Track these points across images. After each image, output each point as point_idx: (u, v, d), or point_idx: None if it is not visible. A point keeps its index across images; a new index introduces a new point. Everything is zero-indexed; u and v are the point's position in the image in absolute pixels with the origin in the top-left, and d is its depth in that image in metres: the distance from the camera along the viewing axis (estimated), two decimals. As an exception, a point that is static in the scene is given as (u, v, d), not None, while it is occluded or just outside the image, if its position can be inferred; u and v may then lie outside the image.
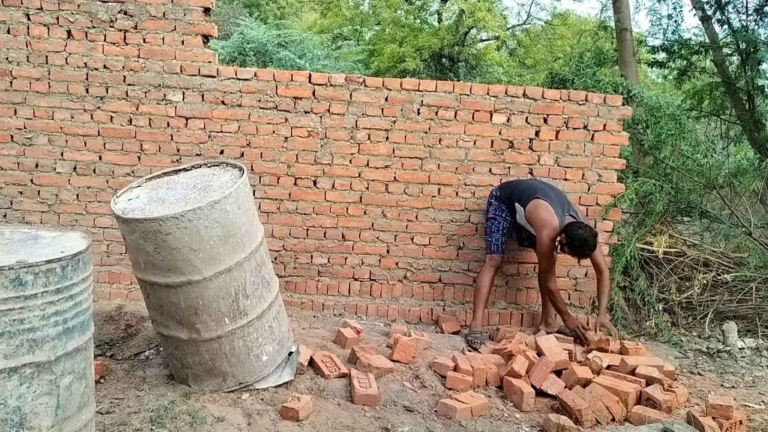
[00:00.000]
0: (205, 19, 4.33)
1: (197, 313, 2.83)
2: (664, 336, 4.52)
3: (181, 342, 2.91)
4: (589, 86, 5.16)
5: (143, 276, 2.86)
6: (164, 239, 2.69)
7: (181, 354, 2.95)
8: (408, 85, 4.43)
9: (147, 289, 2.92)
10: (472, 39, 17.57)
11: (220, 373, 2.96)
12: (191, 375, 2.99)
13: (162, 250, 2.72)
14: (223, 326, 2.88)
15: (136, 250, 2.80)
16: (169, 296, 2.82)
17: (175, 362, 3.03)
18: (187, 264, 2.74)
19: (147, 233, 2.70)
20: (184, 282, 2.77)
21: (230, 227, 2.80)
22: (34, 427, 1.87)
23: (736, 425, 3.09)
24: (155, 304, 2.92)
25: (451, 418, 3.01)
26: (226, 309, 2.87)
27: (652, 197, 4.72)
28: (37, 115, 4.32)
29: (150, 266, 2.80)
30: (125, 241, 2.88)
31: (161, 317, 2.94)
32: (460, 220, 4.53)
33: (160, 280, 2.80)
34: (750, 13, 7.89)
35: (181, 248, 2.71)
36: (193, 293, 2.80)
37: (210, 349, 2.90)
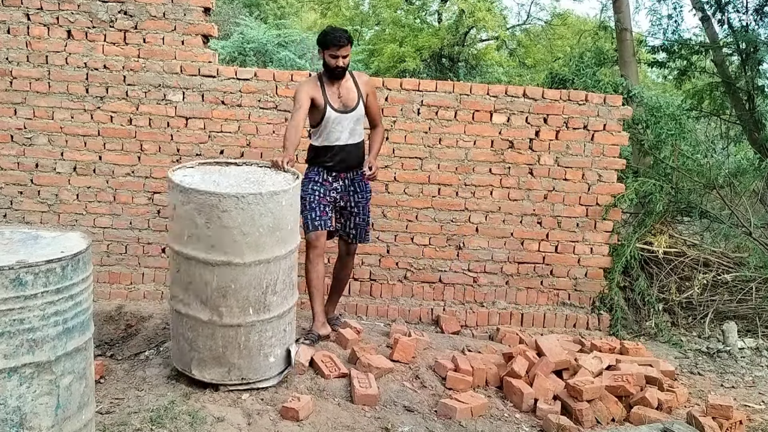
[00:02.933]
0: (205, 19, 4.33)
1: (225, 296, 2.87)
2: (664, 336, 4.52)
3: (198, 323, 2.92)
4: (589, 86, 5.15)
5: (182, 249, 2.90)
6: (219, 215, 2.79)
7: (194, 336, 2.95)
8: (408, 85, 4.43)
9: (180, 263, 2.94)
10: (472, 39, 17.57)
11: (227, 363, 2.95)
12: (197, 360, 2.96)
13: (213, 226, 2.80)
14: (246, 316, 2.92)
15: (185, 221, 2.86)
16: (204, 274, 2.86)
17: (183, 344, 3.00)
18: (234, 245, 2.82)
19: (203, 206, 2.79)
20: (224, 262, 2.83)
21: (280, 221, 2.92)
22: (34, 427, 1.87)
23: (736, 425, 3.09)
24: (183, 279, 2.94)
25: (451, 418, 3.01)
26: (253, 299, 2.92)
27: (652, 197, 4.72)
28: (37, 115, 4.32)
29: (194, 240, 2.85)
30: (174, 211, 2.93)
31: (184, 294, 2.95)
32: (460, 220, 4.53)
33: (199, 255, 2.85)
34: (750, 13, 7.88)
35: (232, 228, 2.80)
36: (229, 275, 2.86)
37: (226, 335, 2.92)
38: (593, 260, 4.60)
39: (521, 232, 4.56)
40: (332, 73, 3.53)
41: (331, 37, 3.47)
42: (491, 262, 4.56)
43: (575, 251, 4.59)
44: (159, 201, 4.41)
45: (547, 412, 3.09)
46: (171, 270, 3.06)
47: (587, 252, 4.59)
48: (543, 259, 4.59)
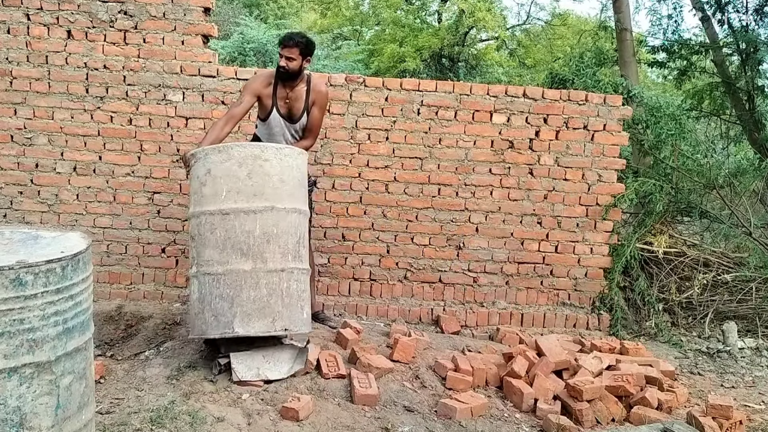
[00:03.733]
0: (205, 19, 4.33)
1: (269, 241, 3.08)
2: (664, 336, 4.52)
3: (240, 275, 3.04)
4: (589, 86, 5.15)
5: (220, 207, 3.05)
6: (261, 165, 3.08)
7: (235, 291, 3.04)
8: (408, 85, 4.43)
9: (215, 223, 3.06)
10: (472, 39, 17.57)
11: (272, 312, 3.06)
12: (240, 314, 3.02)
13: (255, 176, 3.07)
14: (287, 261, 3.12)
15: (224, 179, 3.06)
16: (245, 223, 3.05)
17: (222, 304, 3.05)
18: (275, 191, 3.11)
19: (245, 159, 3.07)
20: (267, 207, 3.08)
21: (303, 180, 3.28)
22: (34, 427, 1.87)
23: (736, 425, 3.09)
24: (220, 237, 3.06)
25: (451, 418, 3.01)
26: (291, 246, 3.16)
27: (652, 197, 4.72)
28: (37, 115, 4.32)
29: (233, 194, 3.05)
30: (208, 176, 3.08)
31: (220, 254, 3.06)
32: (460, 220, 4.52)
33: (242, 206, 3.05)
34: (750, 13, 7.88)
35: (273, 176, 3.10)
36: (272, 220, 3.09)
37: (270, 282, 3.07)
38: (593, 260, 4.60)
39: (521, 232, 4.56)
40: (277, 71, 3.52)
41: (283, 36, 3.53)
42: (491, 262, 4.56)
43: (575, 251, 4.59)
44: (159, 201, 4.41)
45: (547, 412, 3.09)
46: (198, 239, 3.13)
47: (587, 252, 4.59)
48: (543, 259, 4.59)
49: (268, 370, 3.10)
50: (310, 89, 3.58)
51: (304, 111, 3.60)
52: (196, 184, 3.16)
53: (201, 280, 3.13)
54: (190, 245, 3.25)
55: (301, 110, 3.59)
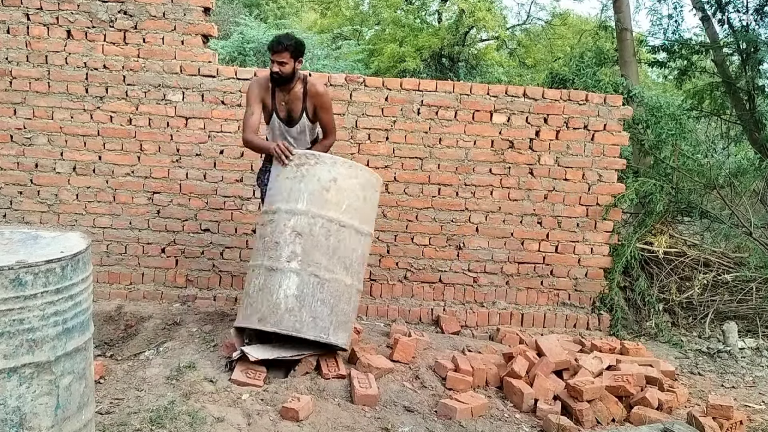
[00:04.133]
0: (205, 19, 4.33)
1: (362, 263, 3.38)
2: (665, 336, 4.52)
3: (341, 288, 3.23)
4: (590, 86, 5.15)
5: (340, 217, 3.23)
6: (373, 194, 3.41)
7: (335, 301, 3.20)
8: (408, 85, 4.43)
9: (331, 230, 3.21)
10: (472, 39, 17.57)
11: (348, 328, 3.31)
12: (335, 324, 3.19)
13: (368, 202, 3.36)
14: (360, 283, 3.40)
15: (348, 192, 3.27)
16: (353, 241, 3.27)
17: (323, 309, 3.16)
18: (372, 221, 3.43)
19: (366, 184, 3.34)
20: (369, 233, 3.38)
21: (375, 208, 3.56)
22: (34, 427, 1.87)
23: (737, 425, 3.09)
24: (332, 245, 3.21)
25: (451, 419, 3.01)
26: (363, 269, 3.43)
27: (653, 197, 4.72)
28: (37, 115, 4.32)
29: (352, 210, 3.26)
30: (335, 183, 3.23)
31: (329, 261, 3.20)
32: (460, 220, 4.52)
33: (356, 225, 3.27)
34: (750, 12, 7.88)
35: (375, 207, 3.48)
36: (368, 245, 3.42)
37: (354, 300, 3.34)
38: (593, 260, 4.60)
39: (521, 232, 4.55)
40: (272, 78, 3.48)
41: (271, 42, 3.46)
42: (491, 262, 4.56)
43: (575, 251, 4.59)
44: (159, 201, 4.41)
45: (548, 412, 3.08)
46: (308, 238, 3.18)
47: (587, 252, 4.59)
48: (543, 259, 4.59)
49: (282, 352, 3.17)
50: (307, 90, 3.55)
51: (302, 112, 3.59)
52: (314, 185, 3.21)
53: (304, 278, 3.15)
54: (281, 234, 3.19)
55: (300, 112, 3.58)
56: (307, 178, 3.22)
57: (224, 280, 4.50)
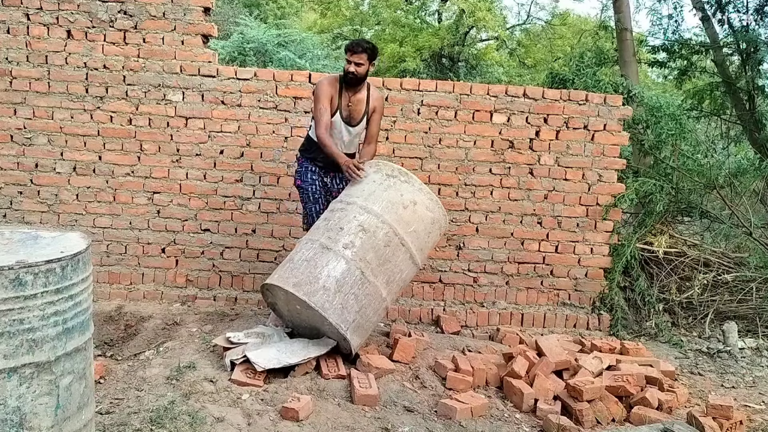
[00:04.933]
0: (205, 19, 4.32)
1: (401, 286, 3.54)
2: (665, 336, 4.52)
3: (376, 296, 3.32)
4: (590, 86, 5.14)
5: (403, 235, 3.38)
6: (437, 230, 3.59)
7: (366, 303, 3.29)
8: (408, 85, 4.43)
9: (392, 242, 3.36)
10: (472, 39, 17.58)
11: (365, 334, 3.41)
12: (356, 324, 3.27)
13: (431, 236, 3.56)
14: (391, 303, 3.55)
15: (420, 216, 3.46)
16: (404, 263, 3.43)
17: (354, 304, 3.24)
18: (425, 255, 3.62)
19: (434, 221, 3.53)
20: (418, 264, 3.55)
21: None
22: (34, 427, 1.87)
23: (737, 425, 3.09)
24: (386, 255, 3.35)
25: (452, 419, 3.01)
26: (397, 293, 3.60)
27: (653, 197, 4.72)
28: (37, 115, 4.32)
29: (413, 233, 3.43)
30: (415, 206, 3.41)
31: (378, 266, 3.32)
32: (460, 220, 4.52)
33: (411, 247, 3.42)
34: (750, 12, 7.88)
35: (433, 243, 3.67)
36: (411, 273, 3.58)
37: (380, 314, 3.47)
38: (593, 260, 4.60)
39: (521, 232, 4.56)
40: (345, 76, 3.67)
41: (350, 43, 3.69)
42: (491, 262, 4.56)
43: (575, 251, 4.59)
44: (159, 201, 4.41)
45: (548, 412, 3.08)
46: (366, 237, 3.31)
47: (587, 252, 4.59)
48: (543, 259, 4.59)
49: (286, 359, 3.16)
50: (370, 95, 3.78)
51: (363, 115, 3.78)
52: (396, 198, 3.41)
53: (351, 269, 3.24)
54: (348, 222, 3.35)
55: (362, 114, 3.77)
56: (392, 189, 3.44)
57: (224, 280, 4.50)
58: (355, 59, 3.61)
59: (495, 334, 4.32)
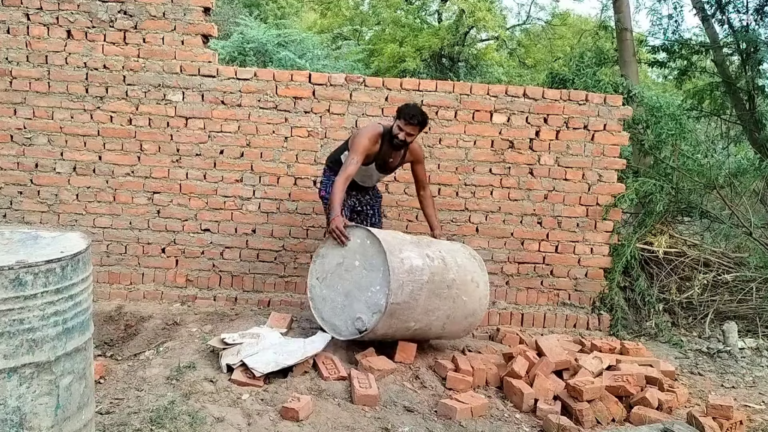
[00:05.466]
0: (205, 19, 4.32)
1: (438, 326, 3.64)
2: (665, 336, 4.52)
3: (414, 315, 3.43)
4: (590, 86, 5.15)
5: (455, 276, 3.55)
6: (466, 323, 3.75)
7: (408, 316, 3.41)
8: (408, 85, 4.43)
9: (446, 284, 3.52)
10: (472, 39, 17.58)
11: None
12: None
13: (458, 324, 3.70)
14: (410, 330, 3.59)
15: (467, 264, 3.68)
16: (437, 318, 3.57)
17: (406, 313, 3.38)
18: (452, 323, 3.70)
19: (472, 314, 3.72)
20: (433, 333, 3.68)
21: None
22: (34, 427, 1.87)
23: (737, 425, 3.09)
24: (436, 290, 3.47)
25: (452, 419, 3.01)
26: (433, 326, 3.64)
27: (653, 197, 4.71)
28: (37, 115, 4.32)
29: (461, 274, 3.61)
30: (428, 284, 3.43)
31: (439, 299, 3.51)
32: (460, 220, 4.52)
33: (449, 315, 3.60)
34: (750, 12, 7.88)
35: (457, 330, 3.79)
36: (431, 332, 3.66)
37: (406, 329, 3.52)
38: (593, 260, 4.60)
39: (521, 232, 4.55)
40: (394, 144, 3.73)
41: (406, 112, 3.67)
42: (491, 262, 4.55)
43: (575, 251, 4.59)
44: (159, 201, 4.41)
45: (548, 412, 3.08)
46: (441, 269, 3.48)
47: (587, 252, 4.59)
48: (543, 259, 4.59)
49: (284, 360, 3.16)
50: (408, 149, 3.85)
51: (398, 166, 3.95)
52: (471, 268, 3.67)
53: (425, 270, 3.39)
54: (429, 244, 3.64)
55: (396, 164, 3.92)
56: (471, 263, 3.72)
57: (224, 280, 4.50)
58: (408, 129, 3.66)
59: (495, 334, 4.32)
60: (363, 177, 3.89)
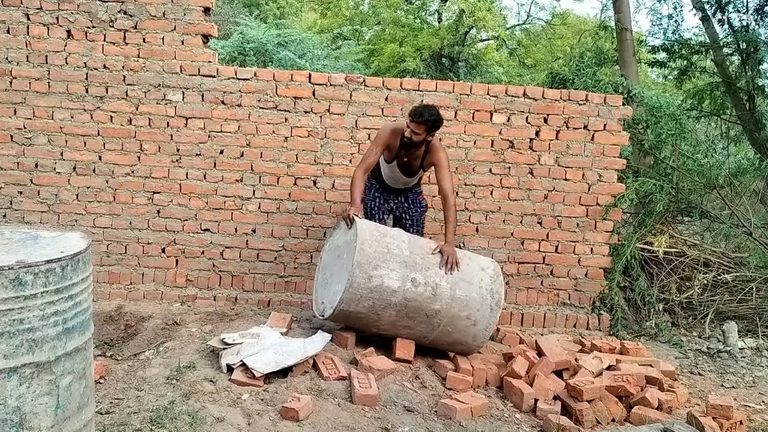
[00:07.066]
0: (205, 19, 4.32)
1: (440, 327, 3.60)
2: (665, 336, 4.52)
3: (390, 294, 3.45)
4: (590, 86, 5.14)
5: (453, 290, 3.53)
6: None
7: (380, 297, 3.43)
8: (408, 85, 4.43)
9: (448, 301, 3.52)
10: (472, 39, 17.58)
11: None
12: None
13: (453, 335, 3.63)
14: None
15: (472, 272, 3.64)
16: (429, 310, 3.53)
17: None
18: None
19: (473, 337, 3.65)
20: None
21: None
22: (34, 427, 1.87)
23: (737, 425, 3.09)
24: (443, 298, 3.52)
25: (451, 419, 3.01)
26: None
27: (653, 197, 4.71)
28: (37, 115, 4.31)
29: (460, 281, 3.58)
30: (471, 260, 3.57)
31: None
32: (460, 220, 4.52)
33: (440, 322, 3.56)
34: (750, 12, 7.88)
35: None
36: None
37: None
38: (593, 260, 4.60)
39: (521, 232, 4.55)
40: (405, 144, 3.77)
41: (415, 109, 3.72)
42: (491, 262, 4.55)
43: (575, 251, 4.59)
44: (159, 201, 4.41)
45: (548, 412, 3.08)
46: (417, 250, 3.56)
47: (587, 252, 4.59)
48: (543, 259, 4.58)
49: (284, 360, 3.16)
50: (428, 150, 3.83)
51: (420, 168, 3.93)
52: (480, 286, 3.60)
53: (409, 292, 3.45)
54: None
55: (417, 167, 3.92)
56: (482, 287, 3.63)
57: (224, 280, 4.50)
58: (413, 127, 3.67)
59: (495, 334, 4.31)
60: (389, 176, 4.02)
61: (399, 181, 4.03)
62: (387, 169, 3.99)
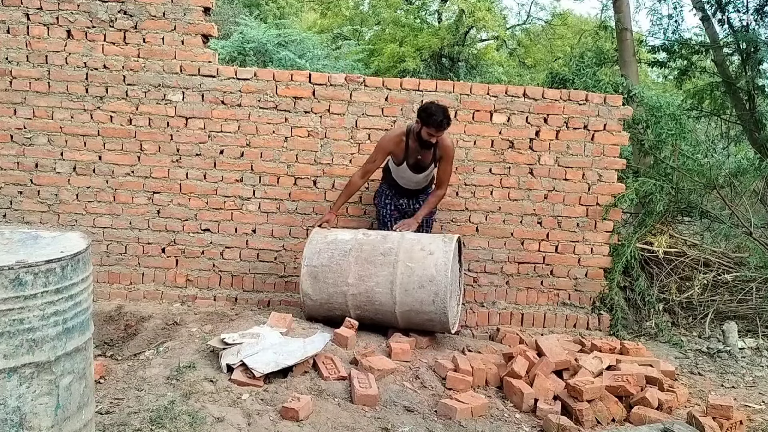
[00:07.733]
0: (205, 19, 4.32)
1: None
2: (665, 336, 4.52)
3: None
4: (590, 86, 5.15)
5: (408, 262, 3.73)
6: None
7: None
8: (408, 85, 4.43)
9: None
10: (472, 39, 17.59)
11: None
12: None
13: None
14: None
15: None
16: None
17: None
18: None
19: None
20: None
21: None
22: (34, 427, 1.87)
23: (737, 425, 3.09)
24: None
25: (451, 419, 3.01)
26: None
27: (653, 197, 4.71)
28: (37, 115, 4.31)
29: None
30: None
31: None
32: (460, 220, 4.52)
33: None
34: (750, 12, 7.89)
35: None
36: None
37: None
38: (593, 260, 4.60)
39: (521, 232, 4.55)
40: (423, 144, 3.90)
41: (434, 120, 3.78)
42: (491, 262, 4.56)
43: (575, 251, 4.59)
44: (159, 201, 4.41)
45: (548, 412, 3.08)
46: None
47: (587, 252, 4.59)
48: (543, 259, 4.58)
49: (284, 360, 3.16)
50: (438, 145, 3.95)
51: (431, 163, 4.06)
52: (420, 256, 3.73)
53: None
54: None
55: (429, 162, 4.04)
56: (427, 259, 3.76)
57: (224, 280, 4.50)
58: (434, 133, 3.81)
59: (495, 334, 4.32)
60: (400, 177, 4.13)
61: (411, 181, 4.13)
62: (398, 171, 4.12)
